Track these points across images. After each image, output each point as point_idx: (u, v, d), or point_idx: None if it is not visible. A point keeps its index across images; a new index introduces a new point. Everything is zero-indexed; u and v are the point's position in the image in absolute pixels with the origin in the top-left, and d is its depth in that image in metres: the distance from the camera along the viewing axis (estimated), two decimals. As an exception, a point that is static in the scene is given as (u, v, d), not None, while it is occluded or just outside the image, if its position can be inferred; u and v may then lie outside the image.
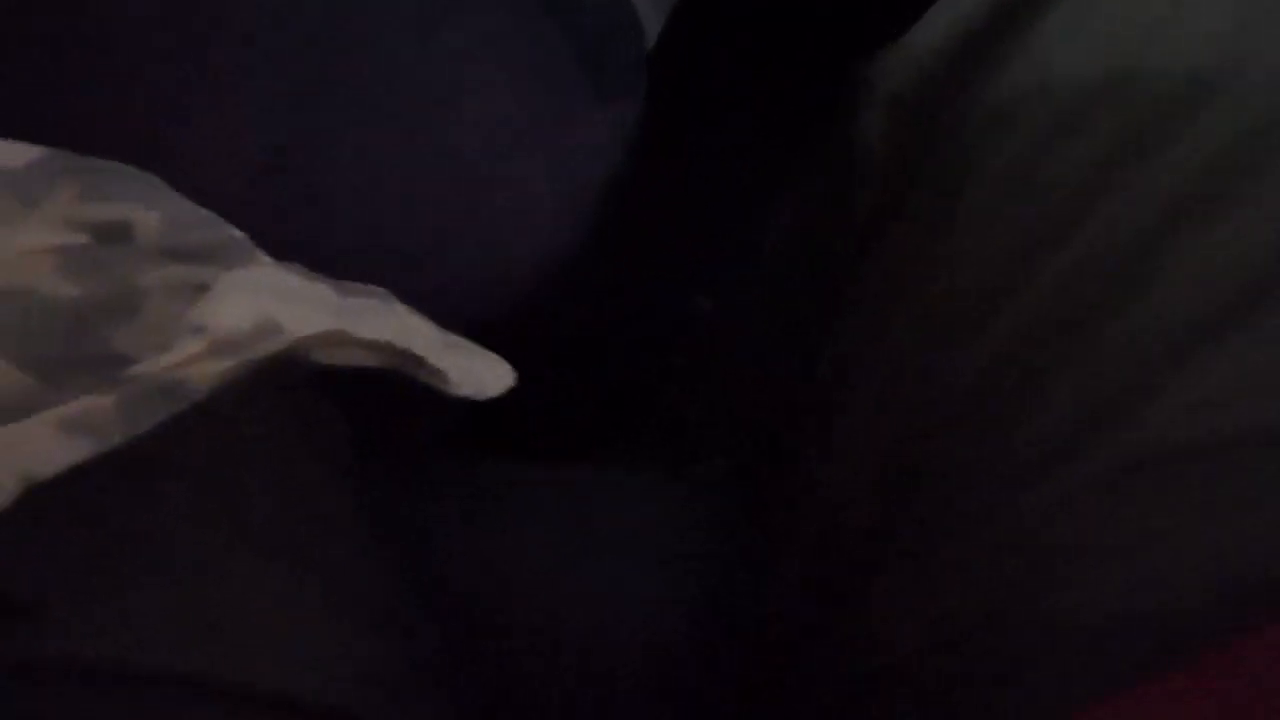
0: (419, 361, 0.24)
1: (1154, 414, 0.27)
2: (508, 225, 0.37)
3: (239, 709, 0.22)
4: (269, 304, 0.23)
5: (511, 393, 0.25)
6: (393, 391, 0.25)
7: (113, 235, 0.23)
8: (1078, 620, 0.27)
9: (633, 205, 0.40)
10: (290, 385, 0.24)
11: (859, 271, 0.34)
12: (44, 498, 0.20)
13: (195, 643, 0.23)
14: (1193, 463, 0.26)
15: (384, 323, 0.24)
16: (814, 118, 0.40)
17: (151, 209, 0.24)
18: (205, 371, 0.21)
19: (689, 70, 0.44)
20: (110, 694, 0.21)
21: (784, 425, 0.36)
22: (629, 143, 0.40)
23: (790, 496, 0.35)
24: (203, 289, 0.23)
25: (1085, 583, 0.27)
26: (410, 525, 0.30)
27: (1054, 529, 0.27)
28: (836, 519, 0.32)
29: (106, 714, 0.21)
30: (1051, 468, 0.27)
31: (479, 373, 0.25)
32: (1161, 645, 0.25)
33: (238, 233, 0.25)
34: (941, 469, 0.30)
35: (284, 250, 0.26)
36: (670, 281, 0.41)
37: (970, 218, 0.31)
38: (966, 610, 0.28)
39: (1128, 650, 0.25)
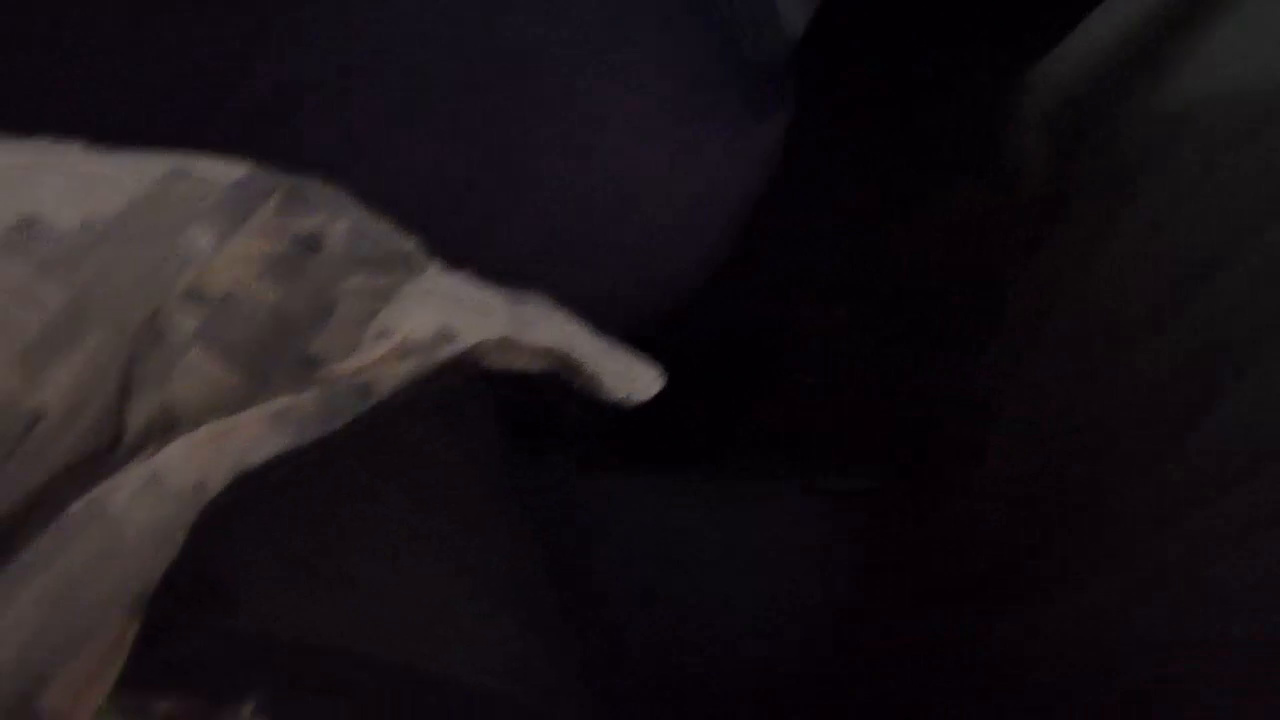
0: (577, 367, 0.25)
1: None
2: (655, 237, 0.38)
3: (406, 683, 0.24)
4: (446, 311, 0.24)
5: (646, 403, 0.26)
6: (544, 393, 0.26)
7: (308, 244, 0.25)
8: (1239, 652, 0.26)
9: (777, 213, 0.41)
10: (449, 389, 0.25)
11: (1021, 281, 0.34)
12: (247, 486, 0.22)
13: (363, 624, 0.24)
14: None
15: (547, 328, 0.26)
16: (966, 122, 0.40)
17: (340, 219, 0.26)
18: (391, 373, 0.23)
19: (834, 74, 0.45)
20: (288, 667, 0.23)
21: (930, 437, 0.36)
22: (777, 151, 0.41)
23: (927, 511, 0.35)
24: (386, 296, 0.25)
25: (1247, 614, 0.26)
26: (552, 525, 0.31)
27: (1221, 557, 0.27)
28: (983, 535, 0.32)
29: (285, 684, 0.23)
30: (1221, 492, 0.27)
31: (632, 377, 0.26)
32: None
33: (413, 241, 0.27)
34: (1102, 487, 0.29)
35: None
36: (810, 290, 0.42)
37: (1141, 227, 0.30)
38: (1124, 639, 0.28)
39: None
